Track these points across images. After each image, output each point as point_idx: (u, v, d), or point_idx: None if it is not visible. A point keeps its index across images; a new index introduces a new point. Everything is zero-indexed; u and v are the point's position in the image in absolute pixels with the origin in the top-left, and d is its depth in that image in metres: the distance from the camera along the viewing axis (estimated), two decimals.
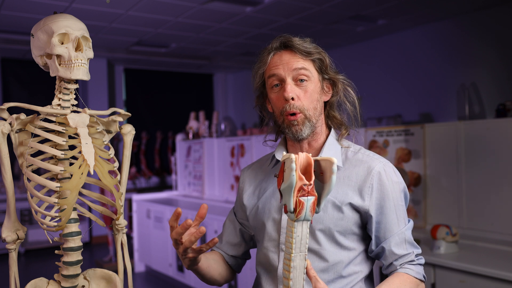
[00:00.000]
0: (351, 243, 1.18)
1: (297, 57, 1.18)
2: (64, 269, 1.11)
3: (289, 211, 0.92)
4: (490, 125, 2.66)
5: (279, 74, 1.19)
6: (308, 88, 1.18)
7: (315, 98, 1.20)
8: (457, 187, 2.76)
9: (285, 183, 0.91)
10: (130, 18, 4.85)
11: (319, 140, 1.25)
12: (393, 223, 1.17)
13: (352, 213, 1.16)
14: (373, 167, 1.18)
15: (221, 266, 1.35)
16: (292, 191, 0.91)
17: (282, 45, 1.21)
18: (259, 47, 1.28)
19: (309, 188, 0.91)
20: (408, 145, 3.02)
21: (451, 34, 5.16)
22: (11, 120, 1.07)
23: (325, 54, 1.22)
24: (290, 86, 1.17)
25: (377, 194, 1.17)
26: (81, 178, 1.06)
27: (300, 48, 1.18)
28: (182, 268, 4.32)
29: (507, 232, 2.51)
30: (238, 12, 4.75)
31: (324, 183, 0.94)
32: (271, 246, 1.23)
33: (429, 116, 5.37)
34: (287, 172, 0.91)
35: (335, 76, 1.23)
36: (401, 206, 1.19)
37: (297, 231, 0.94)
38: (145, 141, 7.70)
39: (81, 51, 1.10)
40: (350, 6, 4.64)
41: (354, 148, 1.25)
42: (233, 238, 1.39)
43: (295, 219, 0.93)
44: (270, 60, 1.21)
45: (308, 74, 1.18)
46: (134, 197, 5.31)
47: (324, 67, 1.21)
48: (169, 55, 6.77)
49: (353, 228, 1.17)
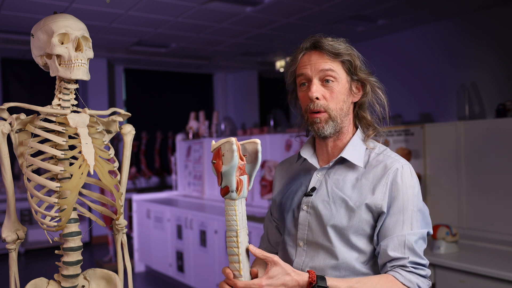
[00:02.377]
0: (363, 244, 1.17)
1: (325, 58, 1.20)
2: (64, 269, 1.11)
3: (231, 190, 1.02)
4: (490, 125, 2.66)
5: (306, 74, 1.21)
6: (334, 89, 1.20)
7: (341, 99, 1.21)
8: (457, 187, 2.76)
9: (227, 165, 1.01)
10: (130, 18, 4.85)
11: (344, 140, 1.26)
12: (397, 225, 1.14)
13: (366, 213, 1.16)
14: (390, 167, 1.18)
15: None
16: (235, 171, 1.01)
17: (312, 46, 1.23)
18: (259, 47, 1.30)
19: (243, 168, 1.04)
20: (408, 145, 3.02)
21: (451, 34, 5.16)
22: (11, 120, 1.07)
23: (355, 55, 1.23)
24: (315, 86, 1.19)
25: (389, 193, 1.16)
26: (81, 178, 1.06)
27: (329, 49, 1.20)
28: (182, 268, 4.32)
29: (507, 232, 2.51)
30: (238, 12, 4.75)
31: (251, 163, 1.08)
32: (289, 241, 1.26)
33: (429, 116, 5.37)
34: (228, 154, 1.01)
35: (366, 77, 1.24)
36: (411, 210, 1.15)
37: (238, 209, 1.04)
38: (145, 141, 7.70)
39: (81, 51, 1.10)
40: (350, 6, 4.63)
41: (378, 149, 1.25)
42: (276, 236, 1.41)
43: (237, 198, 1.03)
44: (300, 59, 1.24)
45: (335, 75, 1.20)
46: (134, 197, 5.31)
47: (353, 68, 1.22)
48: (169, 55, 6.77)
49: (366, 228, 1.17)
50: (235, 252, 1.04)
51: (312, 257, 1.20)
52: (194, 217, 4.10)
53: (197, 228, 4.05)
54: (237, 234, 1.03)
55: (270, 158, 3.98)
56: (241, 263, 1.04)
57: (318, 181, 1.24)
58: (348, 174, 1.21)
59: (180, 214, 4.33)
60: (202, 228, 3.97)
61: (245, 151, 1.09)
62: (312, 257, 1.20)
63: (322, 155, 1.29)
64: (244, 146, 1.09)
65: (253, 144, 1.07)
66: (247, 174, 1.06)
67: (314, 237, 1.20)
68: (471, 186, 2.70)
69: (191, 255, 4.15)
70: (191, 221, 4.14)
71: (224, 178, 1.03)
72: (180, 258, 4.34)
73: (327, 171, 1.25)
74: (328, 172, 1.24)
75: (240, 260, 1.04)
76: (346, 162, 1.23)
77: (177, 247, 4.39)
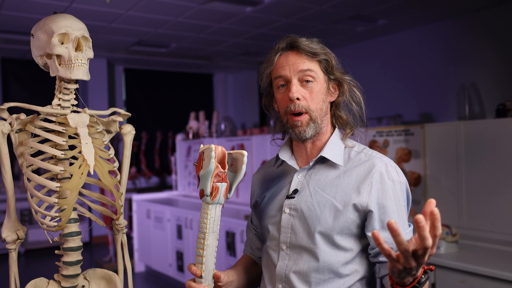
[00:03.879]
0: (348, 243, 1.16)
1: (303, 58, 1.19)
2: (64, 269, 1.11)
3: (205, 194, 1.06)
4: (490, 125, 2.66)
5: (285, 75, 1.19)
6: (313, 89, 1.19)
7: (320, 98, 1.20)
8: (457, 187, 2.76)
9: (204, 170, 1.05)
10: (130, 18, 4.85)
11: (323, 140, 1.24)
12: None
13: (353, 213, 1.14)
14: (374, 166, 1.17)
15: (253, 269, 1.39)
16: (210, 176, 1.05)
17: (289, 46, 1.21)
18: (259, 47, 1.29)
19: (223, 176, 1.07)
20: (408, 145, 3.02)
21: (451, 34, 5.16)
22: (11, 120, 1.07)
23: (331, 54, 1.22)
24: (295, 87, 1.17)
25: (377, 193, 1.14)
26: (81, 178, 1.06)
27: (306, 49, 1.18)
28: (182, 268, 4.32)
29: (507, 232, 2.51)
30: (238, 12, 4.75)
31: (235, 173, 1.11)
32: (272, 245, 1.24)
33: (429, 116, 5.37)
34: (207, 160, 1.05)
35: (341, 76, 1.23)
36: (403, 206, 1.16)
37: (211, 213, 1.08)
38: (145, 141, 7.70)
39: (81, 51, 1.10)
40: (350, 6, 4.63)
41: (358, 148, 1.24)
42: (256, 243, 1.41)
43: (210, 202, 1.07)
44: (277, 60, 1.22)
45: (313, 75, 1.18)
46: (134, 197, 5.31)
47: (330, 68, 1.21)
48: (169, 55, 6.77)
49: (351, 228, 1.15)
50: (200, 253, 1.09)
51: (296, 260, 1.18)
52: (194, 217, 4.10)
53: (197, 228, 4.05)
54: (205, 237, 1.08)
55: (270, 158, 3.98)
56: (203, 265, 1.09)
57: (299, 182, 1.22)
58: (329, 173, 1.20)
59: (180, 214, 4.33)
60: None
61: (233, 160, 1.12)
62: (295, 260, 1.18)
63: (300, 156, 1.27)
64: (232, 156, 1.12)
65: (239, 155, 1.11)
66: (228, 182, 1.08)
67: (297, 240, 1.18)
68: (471, 186, 2.70)
69: (191, 255, 4.15)
70: (191, 221, 4.14)
71: (201, 182, 1.07)
72: (180, 258, 4.34)
73: (307, 171, 1.23)
74: (309, 173, 1.22)
75: (203, 262, 1.09)
76: (326, 161, 1.21)
77: (177, 247, 4.39)
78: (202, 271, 1.09)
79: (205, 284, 1.11)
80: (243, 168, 1.10)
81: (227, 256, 3.66)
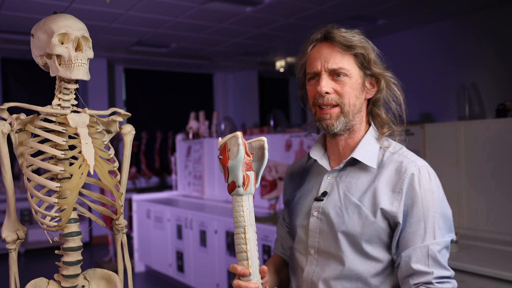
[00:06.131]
0: (378, 253, 1.08)
1: (336, 51, 1.11)
2: (64, 269, 1.11)
3: (237, 185, 1.00)
4: (490, 125, 2.66)
5: (316, 69, 1.13)
6: (345, 84, 1.11)
7: (352, 94, 1.12)
8: (457, 187, 2.76)
9: (233, 159, 0.99)
10: (130, 18, 4.85)
11: (356, 138, 1.17)
12: (418, 234, 1.05)
13: (382, 222, 1.07)
14: (406, 169, 1.08)
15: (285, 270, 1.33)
16: (240, 165, 0.99)
17: (323, 37, 1.14)
18: (259, 47, 1.28)
19: (250, 164, 1.02)
20: (408, 145, 3.00)
21: (451, 34, 5.16)
22: (11, 120, 1.07)
23: (370, 49, 1.14)
24: (325, 81, 1.11)
25: (405, 200, 1.06)
26: (81, 178, 1.06)
27: (341, 41, 1.11)
28: (182, 268, 4.32)
29: (507, 232, 2.51)
30: (238, 12, 4.75)
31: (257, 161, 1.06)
32: (300, 248, 1.19)
33: (429, 116, 5.37)
34: (234, 148, 0.99)
35: (380, 72, 1.15)
36: (432, 217, 1.06)
37: (246, 204, 1.01)
38: (145, 141, 7.70)
39: (81, 51, 1.10)
40: (350, 6, 4.63)
41: (393, 148, 1.16)
42: (288, 241, 1.34)
43: (243, 193, 1.01)
44: (310, 52, 1.16)
45: (345, 72, 1.11)
46: (134, 197, 5.31)
47: (366, 62, 1.13)
48: (169, 55, 6.77)
49: (382, 236, 1.08)
50: (243, 249, 1.00)
51: (323, 267, 1.12)
52: (194, 217, 4.10)
53: (197, 228, 4.05)
54: (244, 231, 1.00)
55: (270, 158, 3.98)
56: (249, 260, 1.00)
57: (329, 184, 1.16)
58: (360, 176, 1.12)
59: (180, 214, 4.33)
60: (202, 228, 3.97)
61: (252, 149, 1.06)
62: (323, 266, 1.12)
63: (333, 155, 1.20)
64: (251, 144, 1.06)
65: (259, 142, 1.05)
66: (254, 171, 1.03)
67: (325, 245, 1.12)
68: (471, 186, 2.70)
69: (191, 255, 4.15)
70: (191, 221, 4.14)
71: (230, 173, 1.01)
72: (180, 258, 4.34)
73: (338, 173, 1.16)
74: (340, 175, 1.15)
75: (249, 257, 1.00)
76: (358, 163, 1.14)
77: (177, 247, 4.39)
78: (249, 267, 1.00)
79: (254, 281, 1.01)
80: (266, 154, 1.05)
81: (227, 256, 3.66)
